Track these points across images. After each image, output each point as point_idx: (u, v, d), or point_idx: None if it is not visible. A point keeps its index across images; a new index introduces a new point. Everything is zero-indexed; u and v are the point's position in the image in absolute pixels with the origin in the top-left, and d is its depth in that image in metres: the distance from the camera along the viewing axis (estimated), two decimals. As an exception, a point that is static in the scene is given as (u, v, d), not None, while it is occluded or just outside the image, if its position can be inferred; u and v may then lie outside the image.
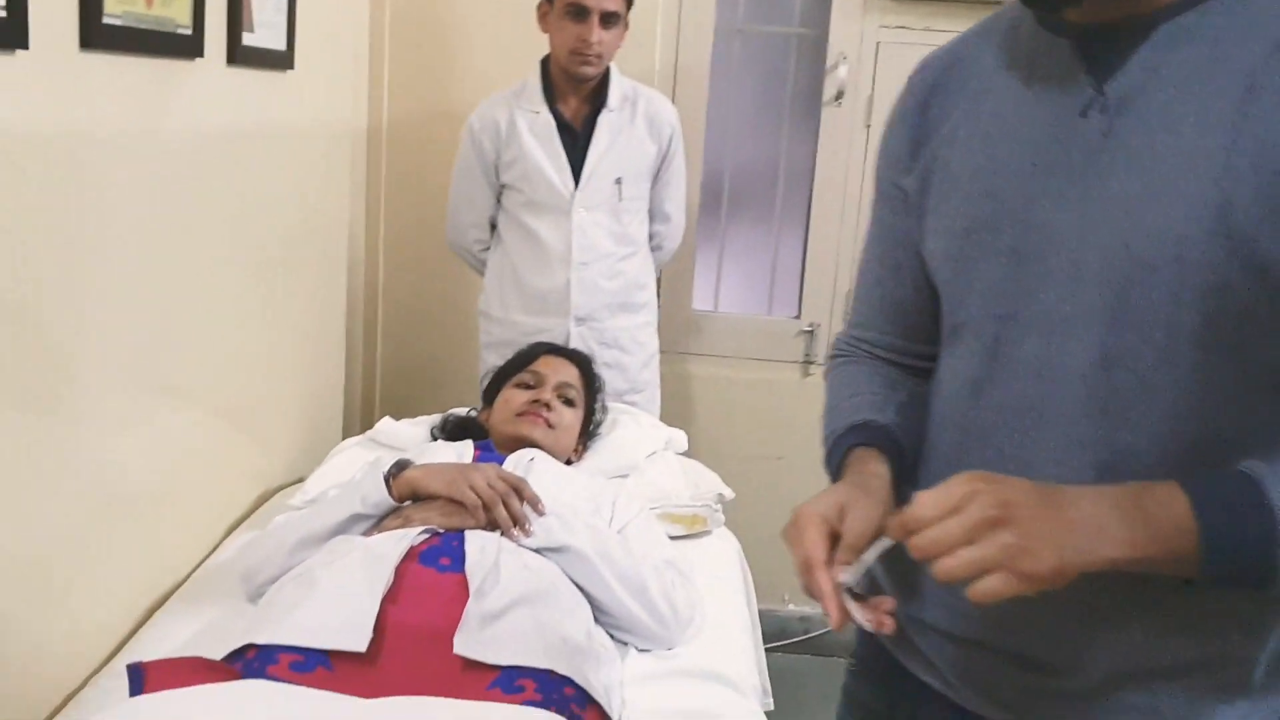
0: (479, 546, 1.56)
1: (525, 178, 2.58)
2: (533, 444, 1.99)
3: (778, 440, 3.03)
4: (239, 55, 1.89)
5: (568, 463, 2.10)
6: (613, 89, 2.59)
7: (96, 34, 1.46)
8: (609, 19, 2.45)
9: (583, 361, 2.25)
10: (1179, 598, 0.88)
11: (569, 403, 2.12)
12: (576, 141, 2.58)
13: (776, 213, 3.18)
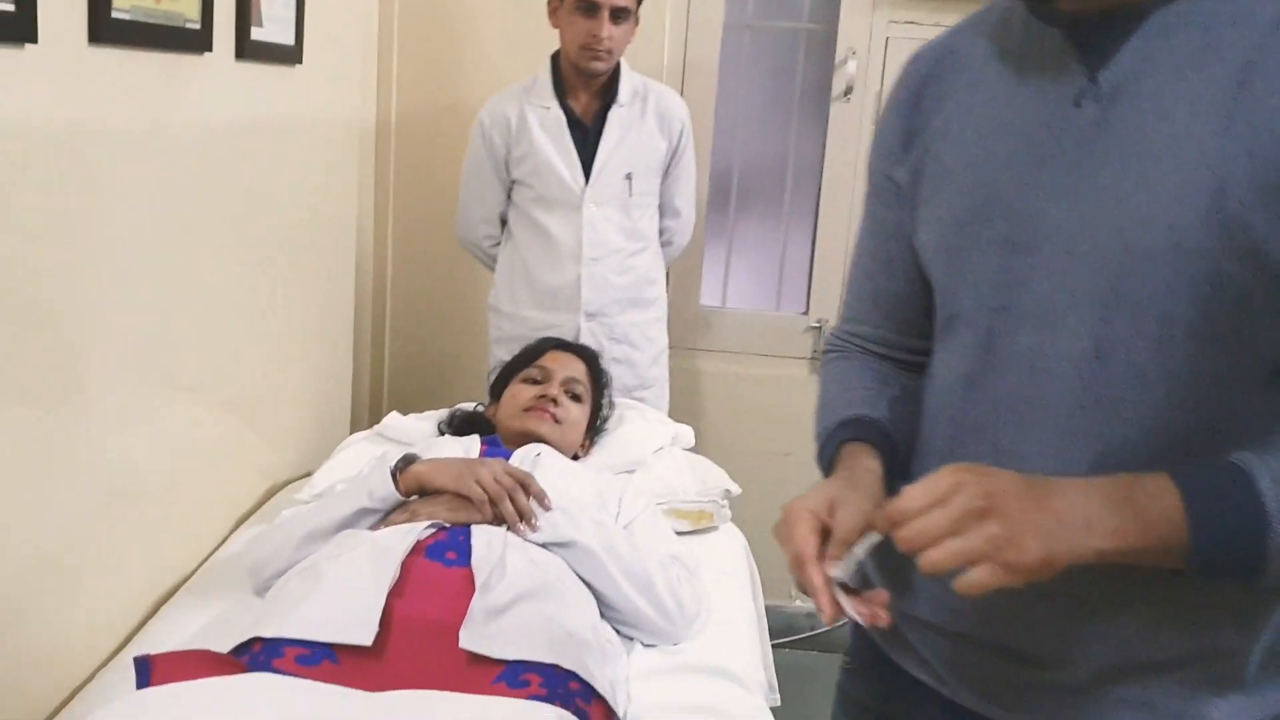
0: (485, 541, 1.57)
1: (536, 173, 2.58)
2: (539, 439, 1.99)
3: (785, 436, 3.03)
4: (247, 50, 1.90)
5: (574, 458, 2.10)
6: (623, 84, 2.59)
7: (105, 28, 1.46)
8: (619, 14, 2.45)
9: (590, 357, 2.25)
10: (1171, 590, 0.88)
11: (576, 398, 2.12)
12: (587, 137, 2.58)
13: (785, 208, 3.18)
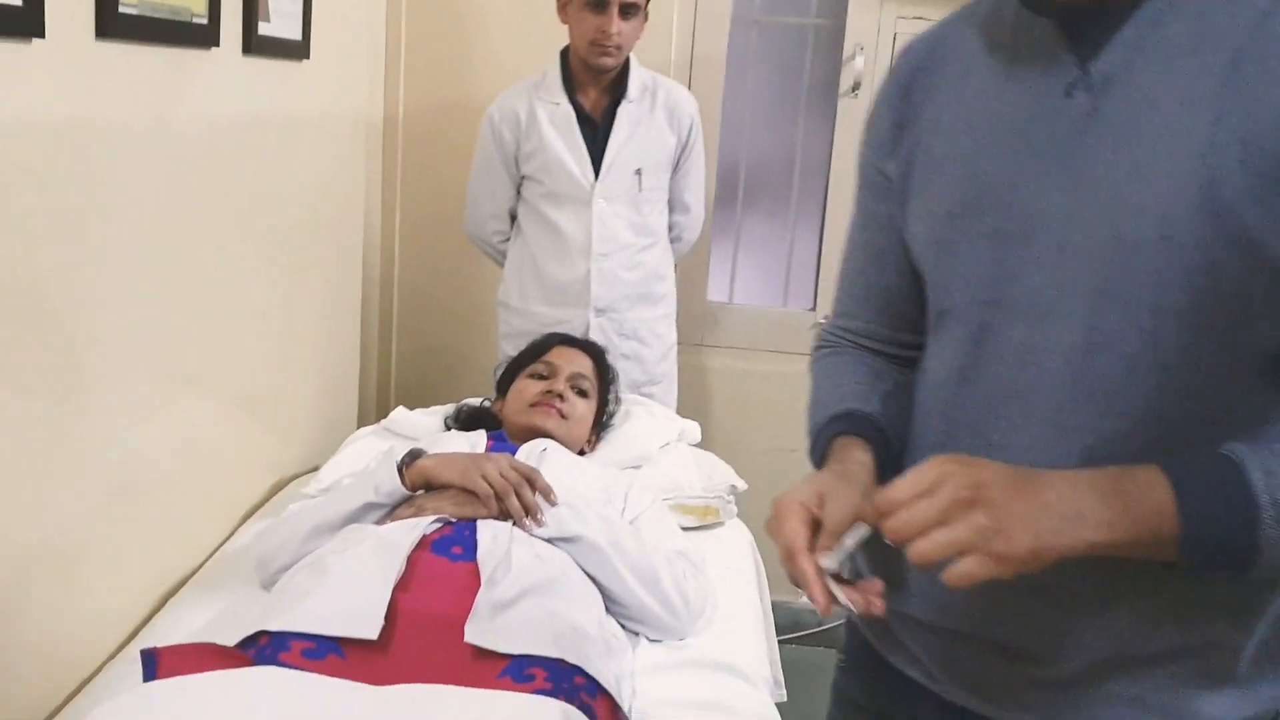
0: (491, 536, 1.57)
1: (545, 169, 2.57)
2: (546, 434, 1.99)
3: (791, 432, 2.98)
4: (254, 45, 1.90)
5: (580, 453, 2.10)
6: (632, 80, 2.58)
7: (112, 23, 1.47)
8: (628, 10, 2.45)
9: (596, 352, 2.25)
10: (1163, 584, 0.87)
11: (582, 393, 2.12)
12: (596, 132, 2.58)
13: (792, 205, 3.17)
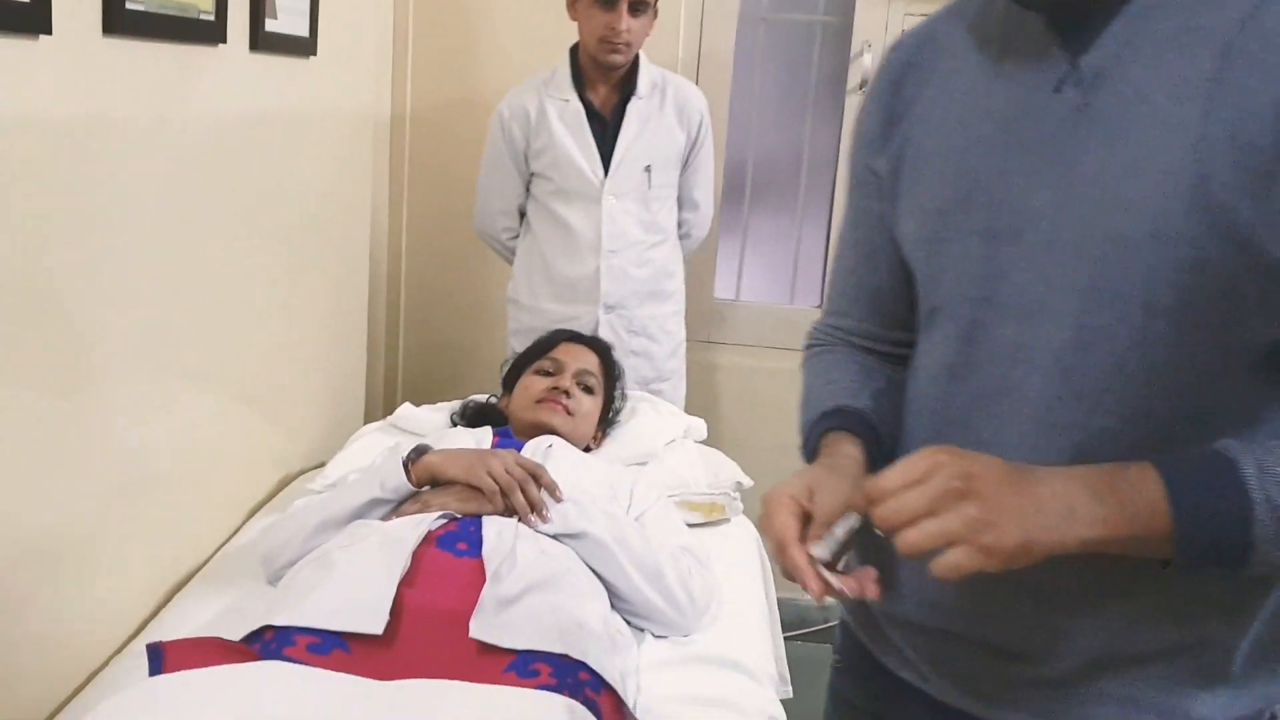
0: (496, 532, 1.57)
1: (555, 166, 2.58)
2: (551, 431, 1.99)
3: (798, 430, 3.02)
4: (261, 41, 1.90)
5: (586, 450, 2.10)
6: (642, 77, 2.58)
7: (119, 19, 1.47)
8: (637, 7, 2.45)
9: (602, 349, 2.25)
10: (1156, 583, 0.86)
11: (588, 390, 2.12)
12: (606, 129, 2.58)
13: (799, 202, 3.17)
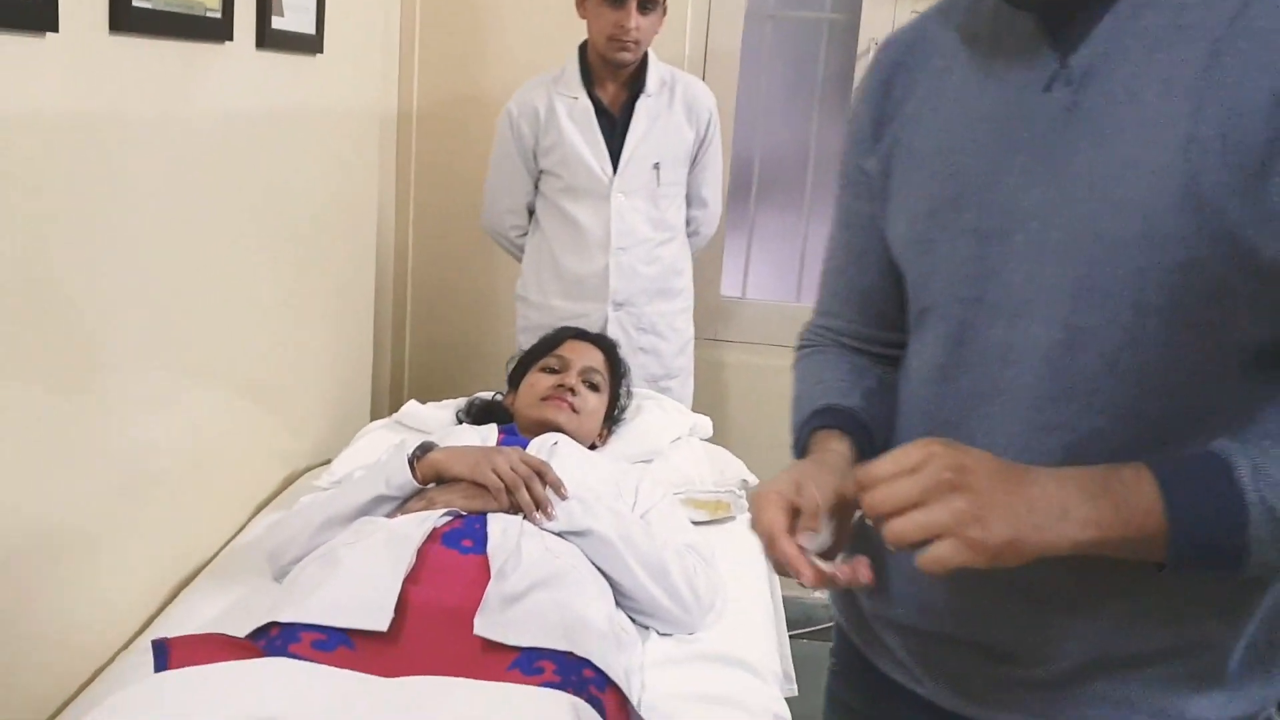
0: (501, 529, 1.57)
1: (564, 163, 2.58)
2: (557, 428, 1.99)
3: (805, 428, 3.01)
4: (268, 39, 1.90)
5: (592, 447, 2.10)
6: (651, 74, 2.58)
7: (126, 17, 1.47)
8: (646, 5, 2.44)
9: (608, 346, 2.25)
10: (1148, 585, 0.86)
11: (594, 387, 2.12)
12: (615, 127, 2.59)
13: (806, 199, 3.16)
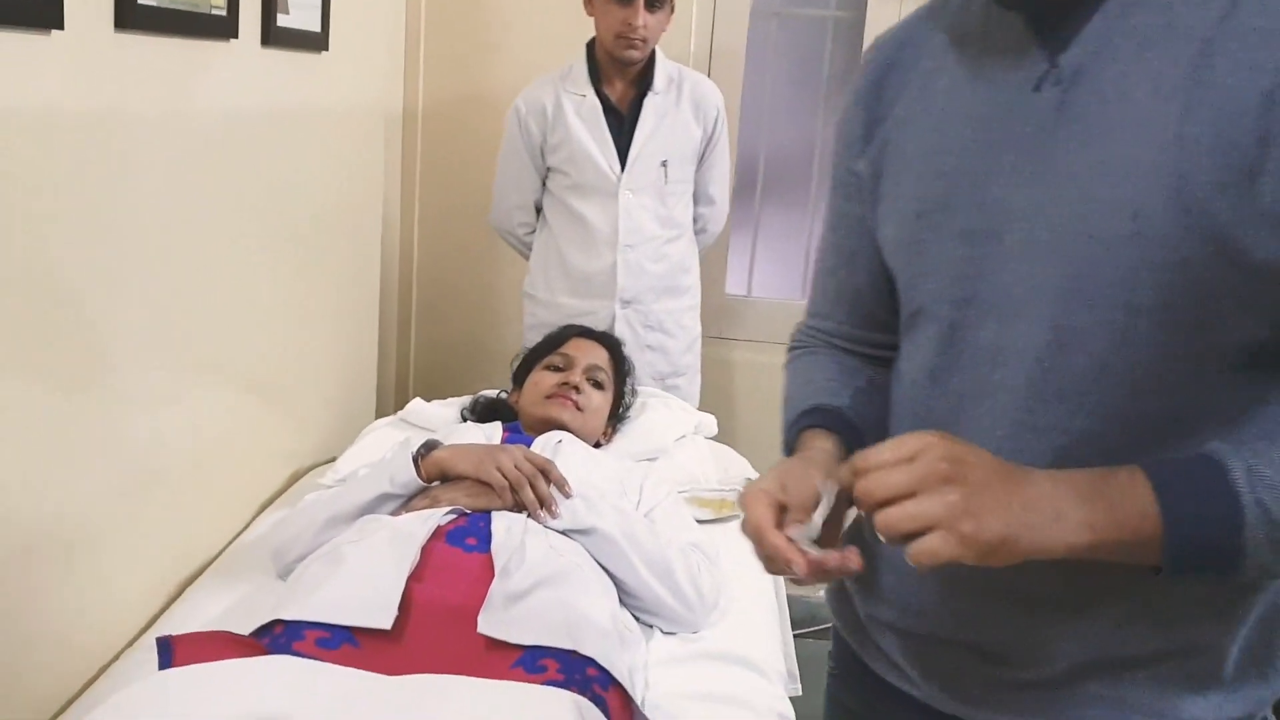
0: (505, 527, 1.57)
1: (571, 161, 2.58)
2: (561, 426, 1.99)
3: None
4: (273, 36, 1.90)
5: (596, 445, 2.10)
6: (658, 72, 2.58)
7: (131, 14, 1.47)
8: (654, 3, 2.45)
9: (612, 344, 2.25)
10: (1144, 586, 0.85)
11: (598, 386, 2.12)
12: (623, 124, 2.59)
13: (811, 197, 3.16)
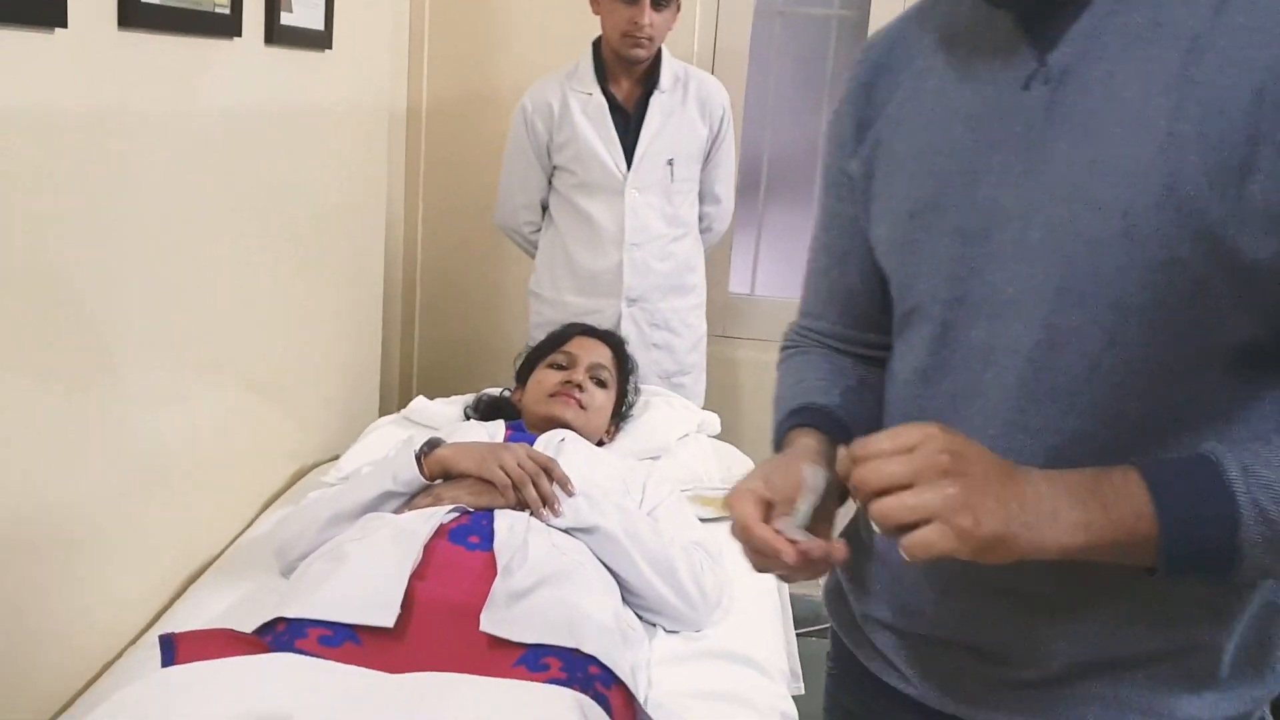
0: (508, 525, 1.57)
1: (578, 159, 2.58)
2: (564, 425, 1.99)
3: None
4: (277, 35, 1.90)
5: (599, 444, 2.10)
6: (664, 70, 2.58)
7: (135, 13, 1.48)
8: (660, 1, 2.44)
9: (616, 343, 2.25)
10: (1140, 586, 0.85)
11: (601, 384, 2.12)
12: (629, 123, 2.59)
13: (815, 196, 3.15)
